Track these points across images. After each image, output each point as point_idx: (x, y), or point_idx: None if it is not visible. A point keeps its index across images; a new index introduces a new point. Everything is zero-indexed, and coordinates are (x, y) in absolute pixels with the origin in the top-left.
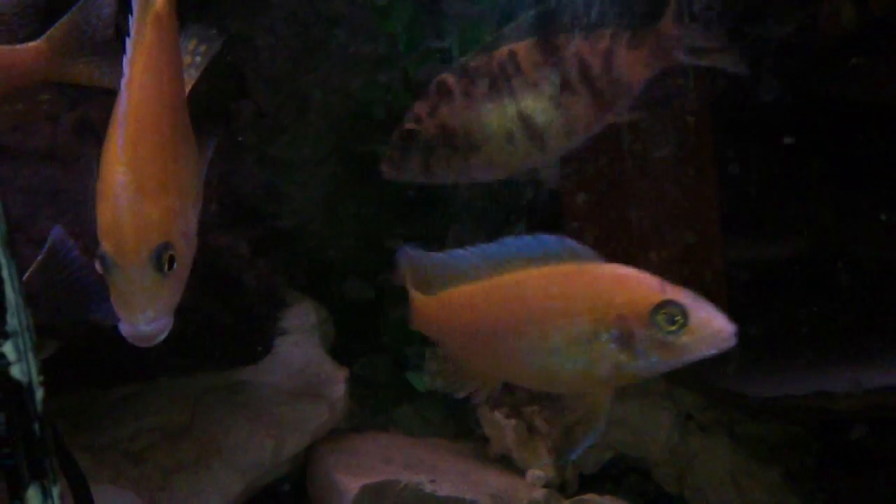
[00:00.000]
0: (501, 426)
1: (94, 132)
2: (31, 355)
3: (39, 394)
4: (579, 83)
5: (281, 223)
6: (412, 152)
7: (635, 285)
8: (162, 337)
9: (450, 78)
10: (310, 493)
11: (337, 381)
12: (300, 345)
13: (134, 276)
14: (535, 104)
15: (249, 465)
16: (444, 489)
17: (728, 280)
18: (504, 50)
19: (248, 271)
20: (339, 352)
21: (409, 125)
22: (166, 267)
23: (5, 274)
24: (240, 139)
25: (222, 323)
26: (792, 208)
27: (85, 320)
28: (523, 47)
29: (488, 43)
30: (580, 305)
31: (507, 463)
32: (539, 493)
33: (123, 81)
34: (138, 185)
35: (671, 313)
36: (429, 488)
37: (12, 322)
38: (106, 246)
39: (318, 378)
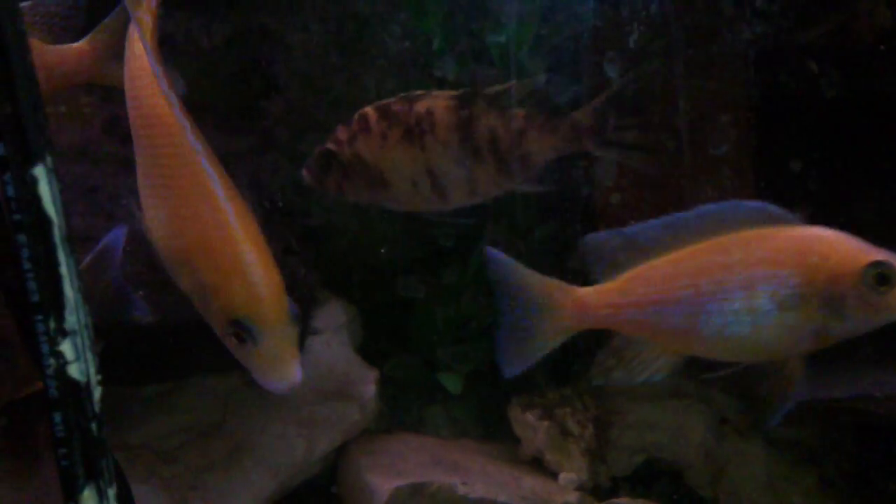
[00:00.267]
0: (534, 428)
1: (123, 131)
2: (89, 354)
3: (97, 393)
4: (487, 152)
5: (311, 221)
6: (329, 170)
7: (844, 246)
8: None
9: (372, 115)
10: (340, 495)
11: (367, 382)
12: (330, 344)
13: (283, 335)
14: (443, 163)
15: (282, 465)
16: (477, 491)
17: None
18: (425, 104)
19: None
20: (367, 352)
21: (330, 145)
22: (299, 317)
23: (64, 271)
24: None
25: None
26: (834, 206)
27: (125, 320)
28: (442, 106)
29: (412, 94)
30: (789, 269)
31: (538, 465)
32: (572, 497)
33: (204, 161)
34: (260, 256)
35: (883, 273)
36: (461, 490)
37: (71, 320)
38: (249, 317)
39: (349, 378)
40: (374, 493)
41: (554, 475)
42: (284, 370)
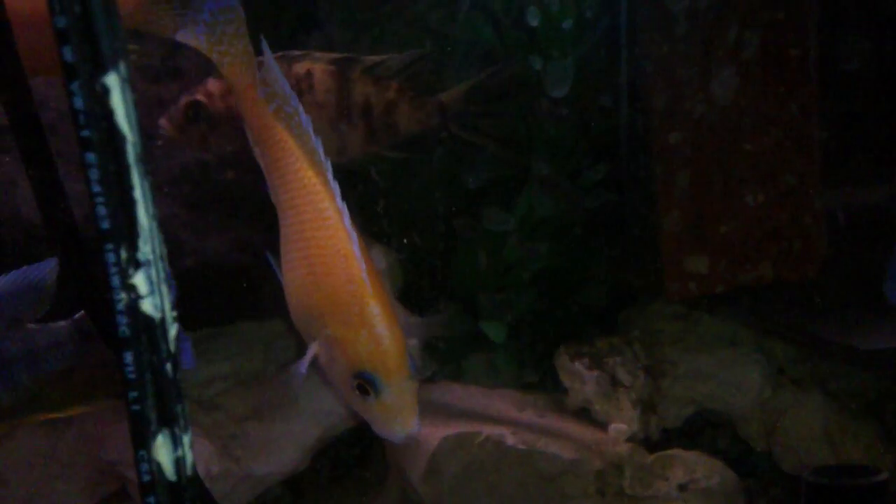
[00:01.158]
0: (582, 377)
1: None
2: (164, 287)
3: (172, 331)
4: (358, 118)
5: (348, 164)
6: (195, 122)
7: None
8: None
9: None
10: (384, 444)
11: (407, 330)
12: None
13: (403, 389)
14: (317, 123)
15: (324, 413)
16: (526, 441)
17: (829, 226)
18: (304, 65)
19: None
20: (407, 299)
21: (199, 97)
22: (418, 372)
23: (138, 195)
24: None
25: None
26: None
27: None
28: (321, 69)
29: (291, 53)
30: None
31: (586, 416)
32: (623, 448)
33: (347, 220)
34: (386, 313)
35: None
36: (510, 440)
37: (145, 249)
38: (373, 370)
39: None
40: (421, 444)
41: (603, 426)
42: (404, 422)
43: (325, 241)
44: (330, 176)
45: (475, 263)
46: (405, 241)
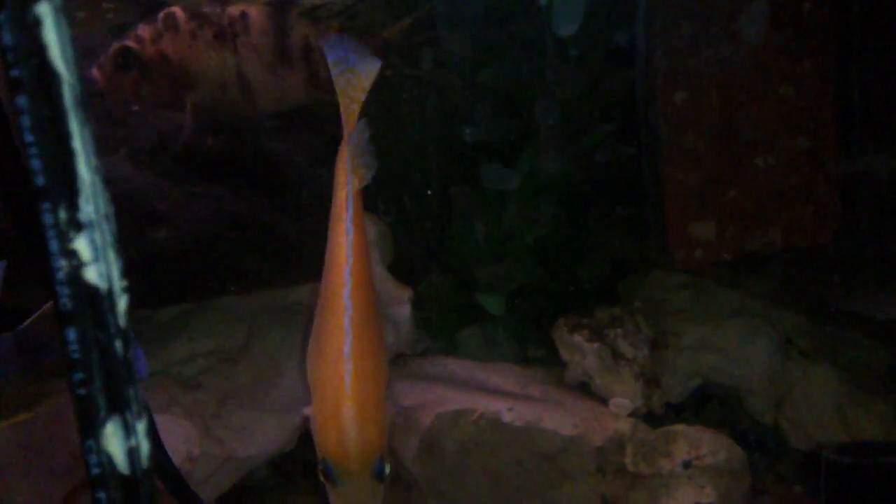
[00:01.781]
0: (582, 350)
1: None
2: (111, 253)
3: (122, 303)
4: (299, 60)
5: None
6: (126, 70)
7: None
8: None
9: (179, 13)
10: None
11: (401, 302)
12: None
13: (360, 487)
14: (254, 67)
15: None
16: (523, 417)
17: (843, 192)
18: (238, 7)
19: (308, 180)
20: (398, 272)
21: (130, 43)
22: (384, 475)
23: (77, 145)
24: None
25: (281, 235)
26: None
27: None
28: (256, 11)
29: None
30: None
31: (585, 390)
32: (625, 423)
33: (345, 292)
34: (362, 415)
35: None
36: (506, 417)
37: (87, 209)
38: (332, 461)
39: (381, 298)
40: (415, 421)
41: (603, 401)
42: None
43: (331, 323)
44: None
45: (472, 232)
46: (396, 207)
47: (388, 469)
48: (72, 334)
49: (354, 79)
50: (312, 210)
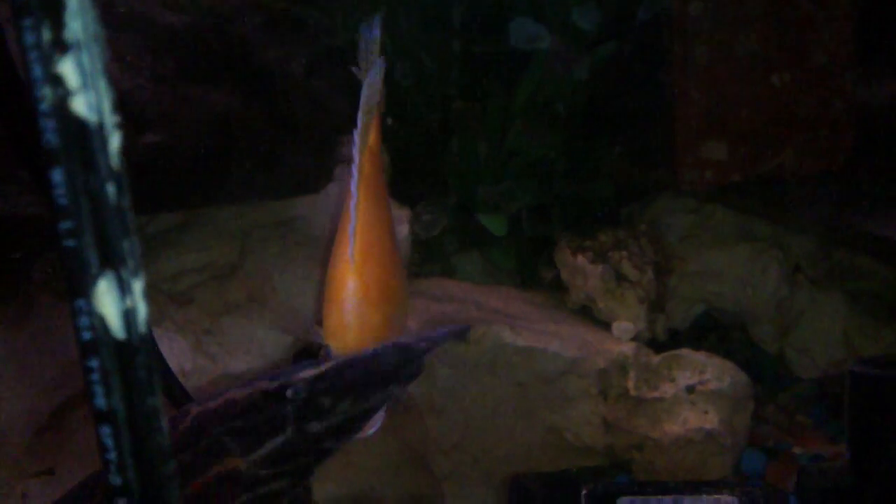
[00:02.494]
0: (585, 273)
1: None
2: (102, 82)
3: (115, 141)
4: None
5: (334, 39)
6: None
7: None
8: None
9: None
10: None
11: (399, 222)
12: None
13: None
14: None
15: (305, 308)
16: (525, 338)
17: (860, 114)
18: None
19: (304, 91)
20: (395, 193)
21: None
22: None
23: None
24: None
25: (276, 141)
26: None
27: None
28: None
29: None
30: None
31: (587, 314)
32: (628, 347)
33: (352, 203)
34: (364, 295)
35: None
36: (508, 337)
37: (74, 26)
38: (332, 344)
39: None
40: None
41: (606, 325)
42: None
43: (340, 229)
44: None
45: (474, 151)
46: (395, 124)
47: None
48: (58, 176)
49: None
50: (307, 121)
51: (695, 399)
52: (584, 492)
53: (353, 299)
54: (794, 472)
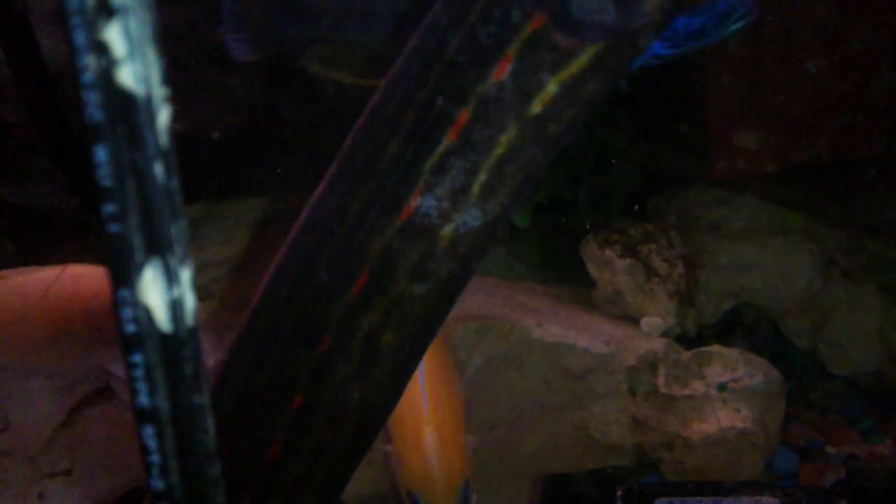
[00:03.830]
0: (613, 266)
1: None
2: (151, 50)
3: (163, 116)
4: None
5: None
6: None
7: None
8: None
9: None
10: None
11: None
12: None
13: None
14: None
15: None
16: (553, 334)
17: None
18: None
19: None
20: None
21: None
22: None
23: None
24: None
25: (304, 130)
26: None
27: None
28: None
29: None
30: None
31: (615, 309)
32: (658, 343)
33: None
34: (444, 442)
35: None
36: (535, 333)
37: None
38: (419, 492)
39: None
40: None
41: (634, 320)
42: None
43: None
44: None
45: None
46: None
47: (474, 497)
48: (102, 154)
49: None
50: (327, 108)
51: (726, 397)
52: (619, 492)
53: (434, 449)
54: (828, 472)
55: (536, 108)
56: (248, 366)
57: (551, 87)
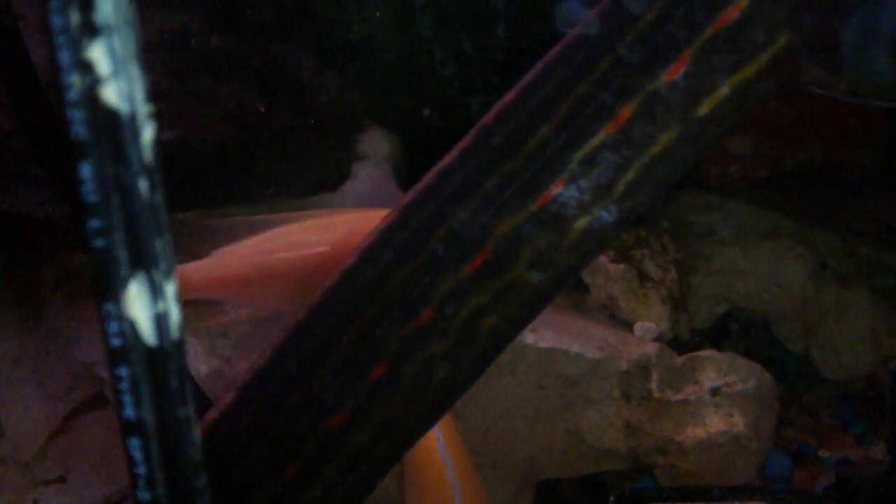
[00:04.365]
0: (606, 272)
1: None
2: (134, 68)
3: (148, 133)
4: None
5: (350, 34)
6: None
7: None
8: None
9: None
10: None
11: None
12: (373, 178)
13: None
14: None
15: None
16: (546, 340)
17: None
18: None
19: (318, 86)
20: (410, 186)
21: None
22: None
23: None
24: None
25: (297, 139)
26: None
27: None
28: None
29: None
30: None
31: (608, 314)
32: (650, 348)
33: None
34: None
35: None
36: (529, 338)
37: (105, 8)
38: None
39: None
40: None
41: (627, 325)
42: None
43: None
44: None
45: None
46: (409, 123)
47: None
48: (87, 171)
49: None
50: (321, 117)
51: (719, 401)
52: (612, 498)
53: None
54: (821, 476)
55: (704, 109)
56: (329, 327)
57: (724, 90)
